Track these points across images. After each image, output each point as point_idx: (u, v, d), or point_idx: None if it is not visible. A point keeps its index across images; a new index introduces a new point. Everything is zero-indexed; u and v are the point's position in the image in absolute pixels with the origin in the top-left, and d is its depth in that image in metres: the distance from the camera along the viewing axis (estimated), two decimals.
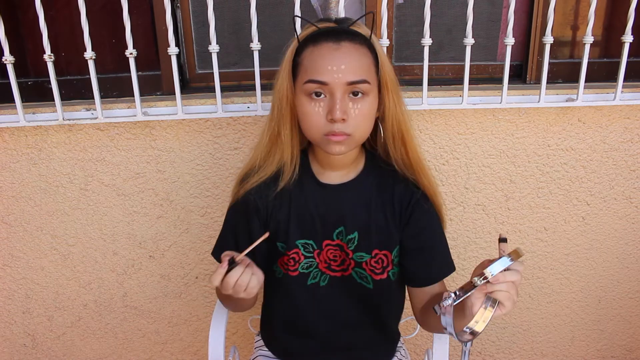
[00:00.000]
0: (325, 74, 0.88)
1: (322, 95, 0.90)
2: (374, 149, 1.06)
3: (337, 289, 1.04)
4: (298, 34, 0.94)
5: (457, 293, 0.73)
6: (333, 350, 1.09)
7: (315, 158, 1.03)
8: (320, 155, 1.01)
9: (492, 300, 0.77)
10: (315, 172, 1.03)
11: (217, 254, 1.08)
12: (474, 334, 0.77)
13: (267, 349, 1.18)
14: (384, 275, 1.02)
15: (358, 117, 0.90)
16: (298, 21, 1.23)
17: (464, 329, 0.77)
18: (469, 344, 0.80)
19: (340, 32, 0.90)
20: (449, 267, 1.04)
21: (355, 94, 0.90)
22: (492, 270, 0.72)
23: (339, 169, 1.02)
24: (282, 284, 1.05)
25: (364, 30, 0.93)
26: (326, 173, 1.03)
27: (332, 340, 1.08)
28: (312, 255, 1.02)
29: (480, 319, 0.76)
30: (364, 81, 0.89)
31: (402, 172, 1.02)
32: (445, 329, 0.77)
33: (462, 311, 0.81)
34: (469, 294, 0.73)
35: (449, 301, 0.72)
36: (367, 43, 0.91)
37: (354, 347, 1.09)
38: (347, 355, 1.10)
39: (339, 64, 0.87)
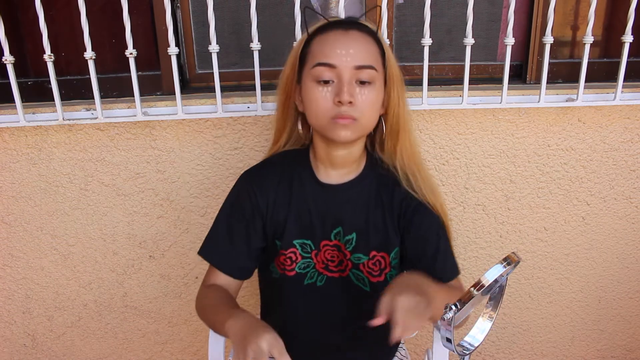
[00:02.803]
0: (333, 57, 0.90)
1: (330, 81, 0.91)
2: (374, 151, 1.06)
3: (334, 289, 1.03)
4: (307, 26, 0.96)
5: (457, 305, 0.72)
6: (329, 351, 1.09)
7: (316, 156, 1.03)
8: (321, 152, 1.00)
9: (491, 309, 0.76)
10: (315, 171, 1.03)
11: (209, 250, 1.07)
12: (472, 346, 0.76)
13: None
14: (381, 278, 1.01)
15: (365, 103, 0.92)
16: (309, 12, 1.24)
17: (462, 342, 0.77)
18: (466, 358, 0.79)
19: (348, 22, 0.94)
20: (453, 271, 1.03)
21: (362, 82, 0.91)
22: (487, 277, 0.72)
23: (341, 167, 1.01)
24: (279, 285, 1.04)
25: (371, 25, 0.96)
26: (327, 171, 1.02)
27: (328, 341, 1.08)
28: (309, 255, 1.02)
29: (479, 330, 0.76)
30: (371, 67, 0.91)
31: (397, 175, 1.02)
32: (449, 341, 0.76)
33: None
34: (469, 304, 0.73)
35: (450, 314, 0.71)
36: (374, 36, 0.94)
37: (351, 349, 1.09)
38: (343, 357, 1.10)
39: (347, 48, 0.90)
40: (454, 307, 0.70)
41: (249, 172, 1.07)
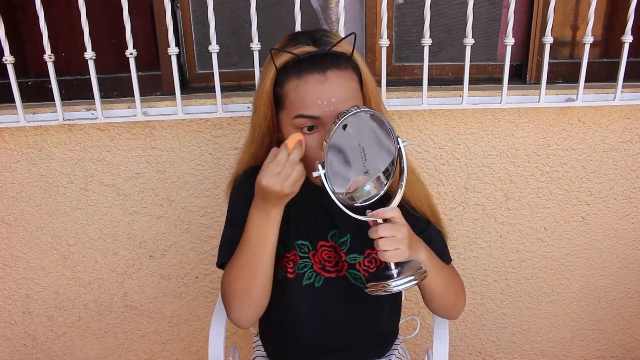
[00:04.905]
0: (315, 108, 0.85)
1: (314, 128, 0.88)
2: None
3: (332, 289, 1.03)
4: (275, 63, 0.88)
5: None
6: (326, 351, 1.09)
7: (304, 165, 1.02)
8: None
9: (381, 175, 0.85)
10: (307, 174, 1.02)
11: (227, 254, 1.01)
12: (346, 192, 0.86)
13: (264, 350, 1.19)
14: None
15: None
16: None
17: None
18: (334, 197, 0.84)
19: (323, 58, 0.86)
20: (445, 256, 1.03)
21: None
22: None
23: None
24: (280, 286, 1.04)
25: (345, 47, 0.89)
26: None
27: (325, 341, 1.08)
28: (307, 255, 1.03)
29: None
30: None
31: None
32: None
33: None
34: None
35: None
36: (351, 63, 0.89)
37: (347, 348, 1.09)
38: (340, 356, 1.10)
39: (328, 98, 0.85)
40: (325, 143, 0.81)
41: (246, 173, 1.05)
